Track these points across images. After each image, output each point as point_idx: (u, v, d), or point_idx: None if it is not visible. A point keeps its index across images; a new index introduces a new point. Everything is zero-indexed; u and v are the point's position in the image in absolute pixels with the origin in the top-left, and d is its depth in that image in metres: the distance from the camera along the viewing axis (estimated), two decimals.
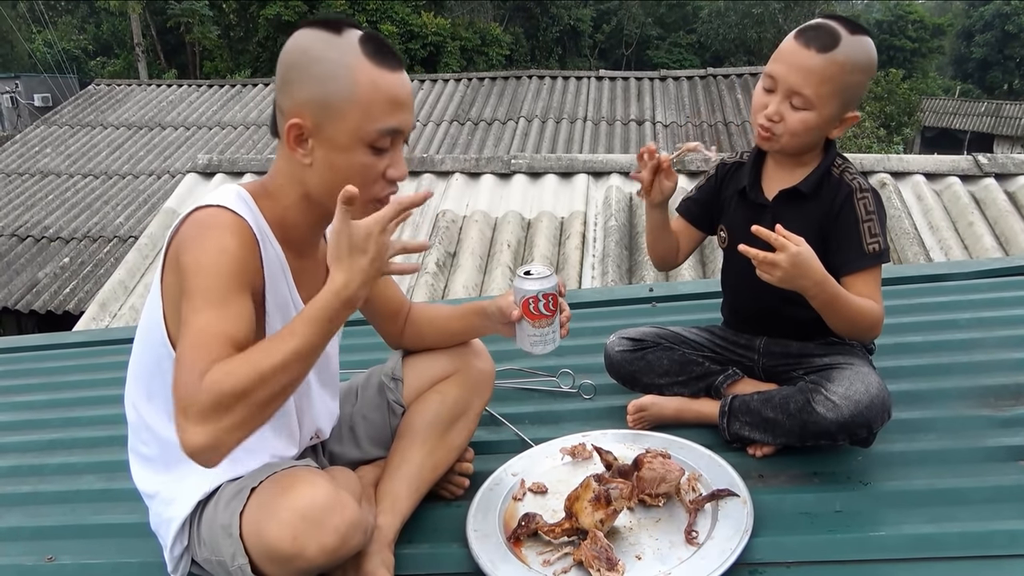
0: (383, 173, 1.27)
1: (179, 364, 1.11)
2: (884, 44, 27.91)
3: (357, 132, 1.22)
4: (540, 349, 1.48)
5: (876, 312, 1.51)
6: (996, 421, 1.69)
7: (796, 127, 1.54)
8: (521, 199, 4.68)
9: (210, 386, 1.05)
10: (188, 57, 19.92)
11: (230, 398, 1.06)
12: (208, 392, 1.05)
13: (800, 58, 1.50)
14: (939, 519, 1.38)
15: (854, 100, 1.56)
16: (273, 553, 1.16)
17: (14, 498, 1.83)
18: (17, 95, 18.11)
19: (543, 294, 1.43)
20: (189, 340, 1.12)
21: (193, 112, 11.33)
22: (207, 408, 1.05)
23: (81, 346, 2.88)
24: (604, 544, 1.32)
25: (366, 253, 1.15)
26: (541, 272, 1.45)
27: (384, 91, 1.22)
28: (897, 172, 4.51)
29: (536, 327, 1.46)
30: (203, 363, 1.08)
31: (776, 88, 1.54)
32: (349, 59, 1.20)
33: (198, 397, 1.05)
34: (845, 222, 1.56)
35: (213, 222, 1.20)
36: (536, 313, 1.44)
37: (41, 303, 7.75)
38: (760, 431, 1.60)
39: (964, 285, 2.48)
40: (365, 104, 1.20)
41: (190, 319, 1.14)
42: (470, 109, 10.42)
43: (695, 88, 10.46)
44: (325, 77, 1.20)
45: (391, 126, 1.23)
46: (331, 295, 1.15)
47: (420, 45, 18.17)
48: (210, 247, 1.17)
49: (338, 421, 1.58)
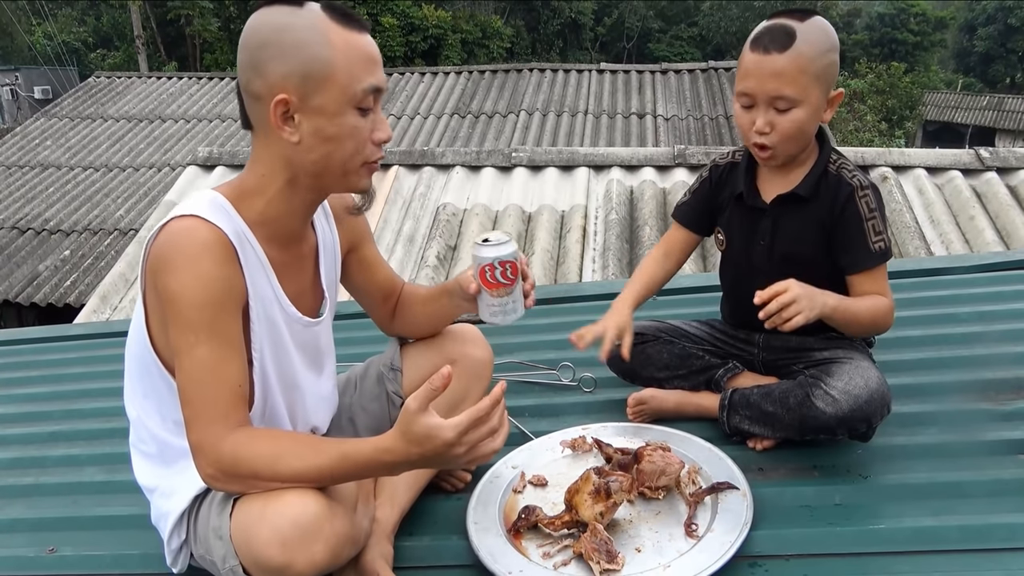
0: (371, 136, 1.25)
1: (190, 405, 1.17)
2: (886, 37, 27.86)
3: (344, 94, 1.20)
4: (501, 319, 1.42)
5: (888, 307, 1.56)
6: (996, 415, 1.69)
7: (790, 130, 1.52)
8: (522, 192, 4.68)
9: (233, 451, 1.15)
10: (188, 50, 19.86)
11: (245, 472, 1.15)
12: (230, 457, 1.15)
13: (766, 65, 1.49)
14: (939, 512, 1.39)
15: (832, 79, 1.54)
16: (262, 563, 1.14)
17: (16, 490, 1.84)
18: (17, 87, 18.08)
19: (499, 261, 1.38)
20: (193, 376, 1.16)
21: (193, 105, 11.30)
22: (224, 467, 1.15)
23: (82, 338, 2.88)
24: (604, 537, 1.33)
25: (444, 459, 1.16)
26: (499, 239, 1.40)
27: (359, 50, 1.21)
28: (898, 166, 4.50)
29: (495, 296, 1.40)
30: (216, 411, 1.16)
31: (756, 102, 1.52)
32: (319, 25, 1.19)
33: (219, 452, 1.15)
34: (849, 223, 1.56)
35: (188, 240, 1.16)
36: (494, 281, 1.39)
37: (42, 296, 7.75)
38: (760, 425, 1.61)
39: (965, 279, 2.48)
40: (345, 65, 1.19)
41: (184, 352, 1.16)
42: (471, 102, 10.40)
43: (696, 81, 10.42)
44: (300, 46, 1.18)
45: (372, 84, 1.22)
46: (379, 452, 1.15)
47: (421, 38, 18.13)
48: (187, 275, 1.15)
49: (338, 412, 1.57)
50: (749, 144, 1.59)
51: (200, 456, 1.16)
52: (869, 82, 19.62)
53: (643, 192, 4.55)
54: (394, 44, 17.44)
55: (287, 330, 1.33)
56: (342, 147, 1.22)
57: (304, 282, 1.38)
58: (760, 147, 1.56)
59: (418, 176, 4.85)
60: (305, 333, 1.37)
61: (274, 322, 1.30)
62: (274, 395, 1.33)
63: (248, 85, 1.22)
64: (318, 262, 1.41)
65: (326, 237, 1.43)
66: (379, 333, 1.65)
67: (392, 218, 4.57)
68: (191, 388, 1.16)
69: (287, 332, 1.33)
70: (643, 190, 4.57)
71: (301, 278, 1.37)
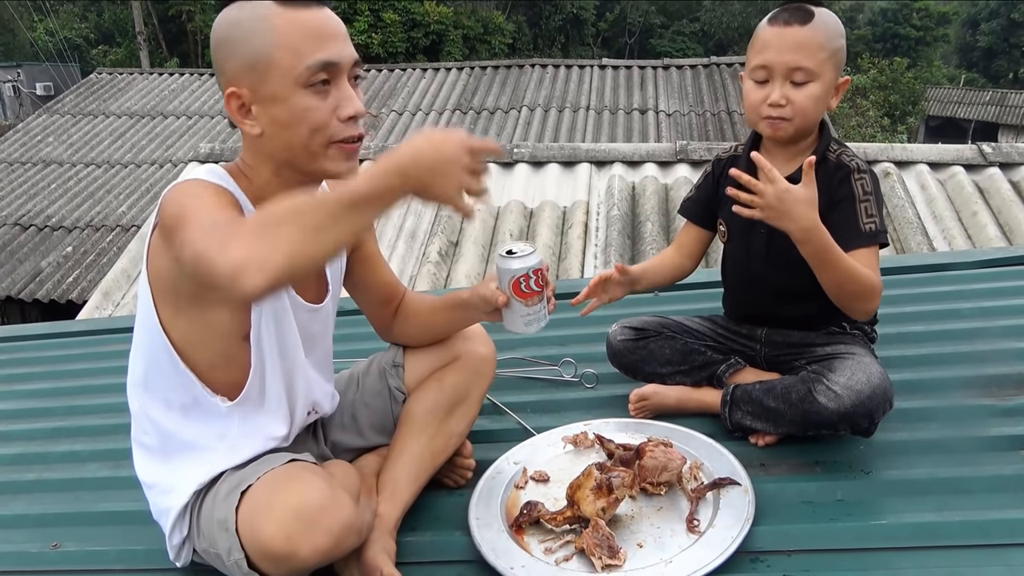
0: (334, 113, 1.21)
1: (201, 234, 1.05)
2: (889, 32, 27.77)
3: (288, 76, 1.17)
4: (535, 328, 1.44)
5: (871, 279, 1.47)
6: (998, 410, 1.69)
7: (805, 104, 1.53)
8: (523, 188, 4.68)
9: (253, 218, 1.04)
10: (190, 46, 19.85)
11: (278, 218, 1.02)
12: (252, 220, 1.03)
13: (788, 36, 1.51)
14: (940, 508, 1.39)
15: (841, 65, 1.57)
16: (267, 551, 1.16)
17: (19, 486, 1.84)
18: (19, 84, 18.06)
19: (532, 270, 1.39)
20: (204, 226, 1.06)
21: (195, 101, 11.31)
22: (252, 229, 1.02)
23: (84, 335, 2.88)
24: (606, 532, 1.33)
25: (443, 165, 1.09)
26: (524, 249, 1.41)
27: (304, 26, 1.18)
28: (901, 161, 4.50)
29: (528, 306, 1.42)
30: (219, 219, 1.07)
31: (772, 76, 1.54)
32: (262, 11, 1.18)
33: (240, 228, 1.02)
34: (842, 201, 1.55)
35: (194, 186, 1.19)
36: (528, 291, 1.41)
37: (44, 292, 7.77)
38: (762, 420, 1.61)
39: (967, 275, 2.47)
40: (287, 45, 1.17)
41: (192, 226, 1.08)
42: (472, 98, 10.39)
43: (698, 77, 10.41)
44: (246, 37, 1.18)
45: (320, 59, 1.18)
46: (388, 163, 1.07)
47: (423, 34, 18.09)
48: (189, 187, 1.17)
49: (340, 409, 1.58)
50: (759, 122, 1.58)
51: (219, 251, 1.00)
52: (872, 77, 19.59)
53: (645, 188, 4.55)
54: (396, 40, 17.41)
55: (289, 307, 1.33)
56: (298, 131, 1.20)
57: None
58: (772, 119, 1.55)
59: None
60: (303, 316, 1.38)
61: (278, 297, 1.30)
62: (273, 367, 1.33)
63: (219, 84, 1.24)
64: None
65: None
66: None
67: (394, 214, 4.57)
68: (204, 219, 1.08)
69: (289, 309, 1.34)
70: (645, 186, 4.56)
71: None
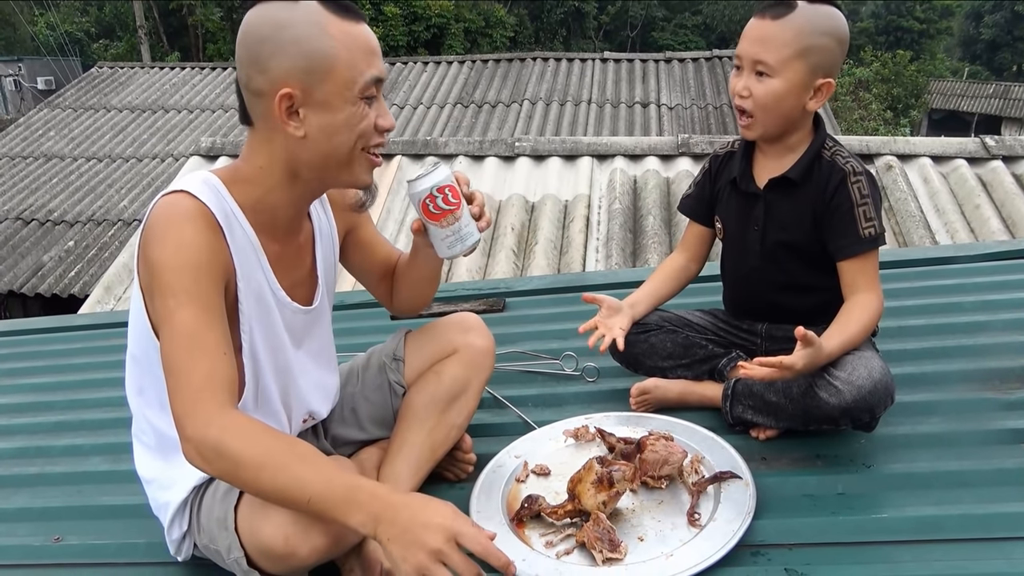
0: (375, 124, 1.26)
1: (173, 373, 1.13)
2: (892, 25, 27.67)
3: (348, 86, 1.20)
4: (459, 248, 1.36)
5: (876, 308, 1.55)
6: (1000, 404, 1.68)
7: (764, 98, 1.54)
8: (525, 182, 4.67)
9: (219, 436, 1.10)
10: (191, 39, 19.81)
11: (228, 461, 1.10)
12: (216, 441, 1.10)
13: (756, 29, 1.55)
14: (942, 501, 1.39)
15: (823, 66, 1.54)
16: (266, 551, 1.17)
17: (21, 479, 1.85)
18: (20, 78, 18.03)
19: (437, 188, 1.32)
20: (176, 342, 1.14)
21: (196, 95, 11.29)
22: (208, 449, 1.10)
23: (86, 329, 2.89)
24: (607, 526, 1.33)
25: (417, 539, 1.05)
26: (428, 168, 1.34)
27: (358, 40, 1.22)
28: (903, 154, 4.48)
29: (444, 227, 1.34)
30: (199, 377, 1.12)
31: (742, 65, 1.58)
32: (317, 18, 1.19)
33: (205, 434, 1.10)
34: (840, 207, 1.56)
35: (172, 212, 1.18)
36: (437, 211, 1.33)
37: (46, 286, 7.77)
38: (763, 415, 1.61)
39: (969, 268, 2.47)
40: (346, 57, 1.20)
41: (166, 319, 1.15)
42: (474, 91, 10.36)
43: (700, 70, 10.38)
44: (300, 40, 1.18)
45: (374, 74, 1.23)
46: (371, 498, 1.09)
47: (424, 27, 18.03)
48: (169, 243, 1.16)
49: (340, 402, 1.58)
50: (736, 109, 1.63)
51: (183, 429, 1.12)
52: (874, 70, 19.54)
53: (647, 181, 4.54)
54: (397, 33, 17.35)
55: (279, 314, 1.33)
56: (346, 138, 1.23)
57: (301, 272, 1.39)
58: (740, 112, 1.60)
59: (421, 166, 4.84)
60: (297, 320, 1.37)
61: (265, 305, 1.30)
62: (266, 378, 1.33)
63: (249, 82, 1.22)
64: (315, 251, 1.42)
65: (322, 225, 1.44)
66: (380, 324, 1.65)
67: (395, 208, 4.57)
68: (174, 354, 1.14)
69: (279, 316, 1.33)
70: (647, 179, 4.55)
71: (298, 268, 1.38)
